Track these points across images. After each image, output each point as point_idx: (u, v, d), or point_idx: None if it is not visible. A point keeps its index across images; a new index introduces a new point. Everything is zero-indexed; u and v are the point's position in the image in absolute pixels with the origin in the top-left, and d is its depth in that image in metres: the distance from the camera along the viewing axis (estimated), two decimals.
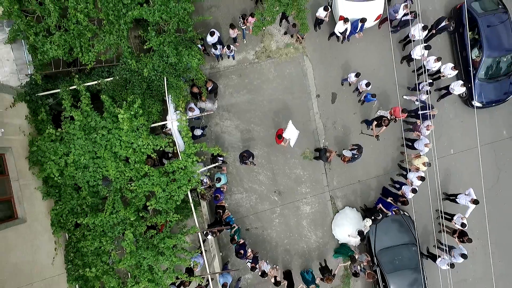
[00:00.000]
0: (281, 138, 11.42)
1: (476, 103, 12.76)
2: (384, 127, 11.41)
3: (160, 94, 10.32)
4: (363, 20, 11.35)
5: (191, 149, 9.94)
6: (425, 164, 11.70)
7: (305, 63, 13.05)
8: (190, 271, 10.78)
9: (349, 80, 12.30)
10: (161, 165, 10.87)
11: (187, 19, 10.14)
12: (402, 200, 11.79)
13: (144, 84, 10.10)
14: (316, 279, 11.52)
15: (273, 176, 13.00)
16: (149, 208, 9.92)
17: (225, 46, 11.63)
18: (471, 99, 12.86)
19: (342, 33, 11.87)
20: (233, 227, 11.84)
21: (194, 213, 10.48)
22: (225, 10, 12.74)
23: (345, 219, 12.47)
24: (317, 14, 11.73)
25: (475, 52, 12.59)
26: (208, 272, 10.50)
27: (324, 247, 13.16)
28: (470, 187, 11.83)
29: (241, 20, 11.38)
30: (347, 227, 12.21)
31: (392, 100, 12.93)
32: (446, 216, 12.58)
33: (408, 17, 11.76)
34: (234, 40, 12.20)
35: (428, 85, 11.89)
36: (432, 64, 11.90)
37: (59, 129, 9.51)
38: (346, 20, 11.36)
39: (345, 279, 13.27)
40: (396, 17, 11.91)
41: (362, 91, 12.38)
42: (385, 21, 12.49)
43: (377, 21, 12.35)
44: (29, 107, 9.71)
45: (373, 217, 11.70)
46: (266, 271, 11.17)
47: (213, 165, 11.23)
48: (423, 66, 11.91)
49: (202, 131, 11.83)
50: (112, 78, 10.07)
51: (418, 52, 11.82)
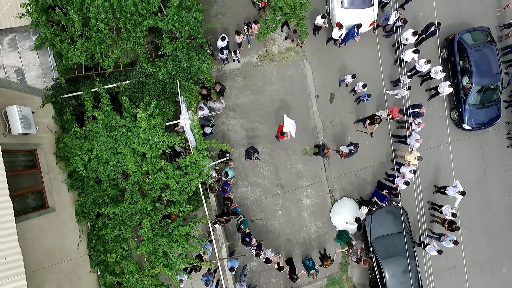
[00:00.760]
0: (283, 134, 12.39)
1: (466, 126, 13.78)
2: (377, 125, 12.40)
3: (173, 95, 11.27)
4: (359, 26, 12.37)
5: (202, 145, 10.92)
6: (417, 158, 12.67)
7: (305, 65, 14.04)
8: (200, 258, 11.78)
9: (345, 81, 13.27)
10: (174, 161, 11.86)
11: (197, 27, 11.09)
12: (395, 193, 12.79)
13: (159, 87, 11.07)
14: (316, 265, 12.50)
15: (275, 170, 13.99)
16: (164, 198, 10.91)
17: (232, 51, 12.61)
18: (462, 122, 13.83)
19: (338, 38, 12.88)
20: (239, 217, 12.82)
21: (204, 204, 11.48)
22: (230, 17, 13.72)
23: (343, 208, 13.45)
24: (316, 22, 12.73)
25: (465, 79, 13.47)
26: (217, 258, 11.50)
27: (323, 237, 14.16)
28: (457, 180, 12.81)
29: (246, 27, 12.38)
30: (345, 215, 13.16)
31: (388, 100, 13.83)
32: (436, 207, 13.60)
33: (400, 23, 12.76)
34: (239, 45, 13.19)
35: (408, 77, 12.71)
36: (423, 66, 12.89)
37: (83, 127, 10.51)
38: (341, 26, 12.41)
39: (343, 266, 14.27)
40: (388, 23, 12.91)
41: (359, 91, 13.38)
42: (379, 26, 13.49)
43: (371, 26, 13.34)
44: (55, 108, 10.65)
45: (369, 208, 12.72)
46: (270, 258, 12.15)
47: (222, 159, 12.21)
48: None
49: (211, 129, 12.83)
50: (129, 81, 11.02)
51: (408, 55, 12.82)
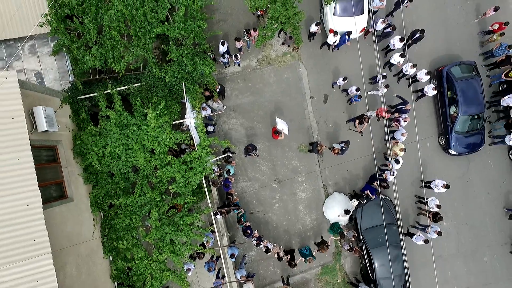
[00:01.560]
0: (276, 133, 13.43)
1: (453, 152, 14.81)
2: (366, 124, 13.45)
3: (179, 96, 12.31)
4: (349, 33, 13.41)
5: (206, 142, 11.97)
6: (402, 150, 13.64)
7: (300, 69, 15.08)
8: (203, 246, 12.82)
9: (338, 83, 14.33)
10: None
11: (201, 34, 12.14)
12: (384, 185, 13.82)
13: (166, 89, 12.12)
14: (313, 252, 13.50)
15: (273, 166, 15.02)
16: (171, 191, 11.95)
17: (233, 55, 13.65)
18: (449, 148, 14.83)
19: (332, 43, 13.92)
20: (240, 211, 13.82)
21: (207, 196, 12.53)
22: (231, 24, 14.77)
23: (334, 202, 14.48)
24: (311, 29, 13.77)
25: (452, 108, 14.46)
26: (219, 245, 12.55)
27: (317, 228, 15.18)
28: (437, 179, 13.99)
29: (245, 33, 13.42)
30: (336, 208, 14.17)
31: (378, 100, 14.89)
32: (422, 201, 14.64)
33: (389, 29, 13.81)
34: (239, 50, 14.23)
35: (382, 77, 13.63)
36: (409, 69, 13.93)
37: (97, 126, 11.54)
38: (335, 33, 13.45)
39: (336, 256, 15.31)
40: (376, 29, 13.94)
41: (352, 94, 14.41)
42: (369, 32, 14.54)
43: (362, 33, 14.38)
44: (72, 108, 11.71)
45: (359, 200, 13.76)
46: (269, 248, 13.17)
47: (223, 155, 13.25)
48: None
49: (214, 127, 13.86)
50: (139, 84, 12.08)
51: (396, 59, 13.85)
